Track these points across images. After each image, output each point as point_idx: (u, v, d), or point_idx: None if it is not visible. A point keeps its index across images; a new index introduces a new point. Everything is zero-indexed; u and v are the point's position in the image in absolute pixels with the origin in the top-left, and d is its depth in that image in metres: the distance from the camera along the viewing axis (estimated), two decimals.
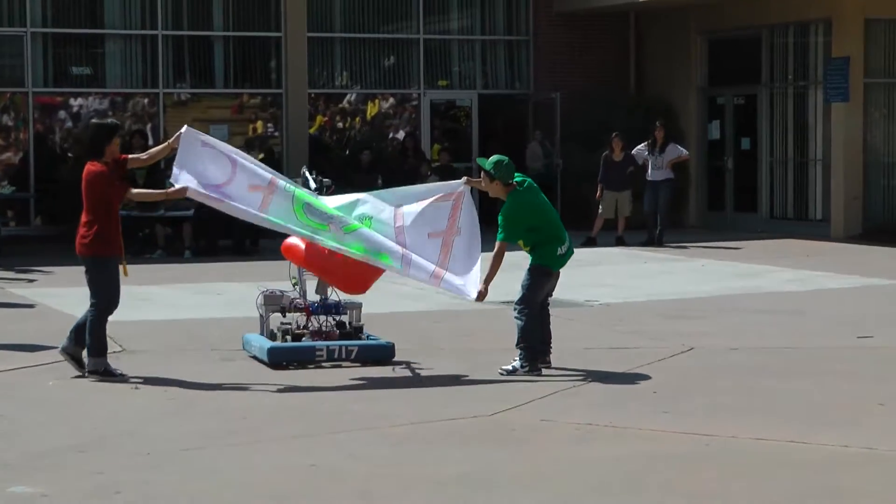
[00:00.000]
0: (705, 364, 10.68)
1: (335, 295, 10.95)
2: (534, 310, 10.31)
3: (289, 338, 10.72)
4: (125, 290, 10.27)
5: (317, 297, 10.96)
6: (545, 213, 10.44)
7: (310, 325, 10.86)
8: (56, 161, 22.43)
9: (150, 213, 19.67)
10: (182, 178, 10.10)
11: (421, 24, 24.20)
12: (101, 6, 22.59)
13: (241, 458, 7.76)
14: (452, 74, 24.75)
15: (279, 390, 9.74)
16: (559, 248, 10.35)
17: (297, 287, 10.94)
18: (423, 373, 10.38)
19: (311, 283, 11.08)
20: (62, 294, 14.70)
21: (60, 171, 22.10)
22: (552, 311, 10.76)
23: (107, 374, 10.02)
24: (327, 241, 10.21)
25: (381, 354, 10.70)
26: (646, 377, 10.12)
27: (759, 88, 23.29)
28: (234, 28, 23.16)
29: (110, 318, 10.17)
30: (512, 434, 8.31)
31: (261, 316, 10.98)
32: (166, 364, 10.56)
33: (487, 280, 10.27)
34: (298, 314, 10.88)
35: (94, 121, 10.87)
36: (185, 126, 10.54)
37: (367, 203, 10.58)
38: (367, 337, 10.91)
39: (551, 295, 10.66)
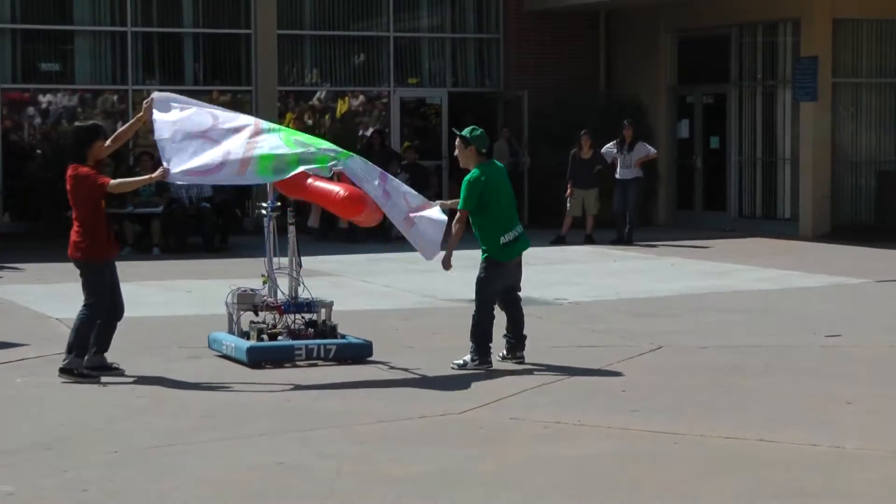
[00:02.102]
0: (674, 362, 10.70)
1: (307, 293, 10.91)
2: (486, 302, 10.38)
3: (265, 337, 10.66)
4: None
5: (286, 296, 10.88)
6: (500, 194, 10.50)
7: (281, 323, 10.80)
8: (25, 157, 22.32)
9: (119, 209, 19.57)
10: (169, 153, 10.03)
11: (391, 21, 24.19)
12: (70, 2, 22.49)
13: (208, 455, 7.73)
14: (423, 72, 24.75)
15: (247, 388, 9.71)
16: (502, 237, 10.41)
17: (268, 285, 10.90)
18: (392, 371, 10.37)
19: (283, 282, 11.04)
20: (31, 291, 14.62)
21: (30, 167, 22.01)
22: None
23: (80, 377, 9.86)
24: (320, 155, 10.16)
25: (359, 353, 10.70)
26: (615, 375, 10.14)
27: (728, 87, 23.37)
28: (203, 25, 23.09)
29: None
30: (480, 432, 8.31)
31: (230, 314, 10.90)
32: (134, 362, 10.51)
33: (450, 246, 10.45)
34: (270, 313, 10.82)
35: (76, 123, 10.76)
36: (154, 93, 10.51)
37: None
38: (344, 336, 10.89)
39: (517, 289, 10.67)
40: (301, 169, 10.17)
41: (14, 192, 21.93)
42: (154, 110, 10.27)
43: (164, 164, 10.06)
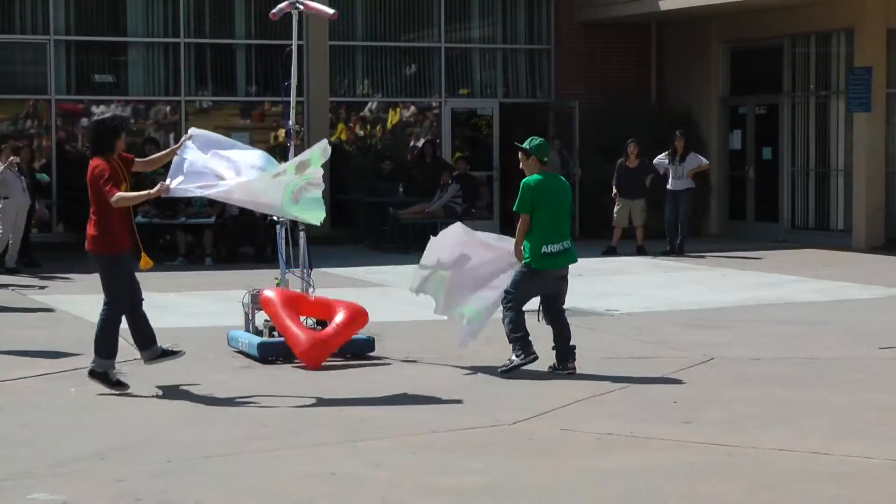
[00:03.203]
0: (727, 374, 10.64)
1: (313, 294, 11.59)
2: (512, 307, 10.59)
3: (276, 333, 11.31)
4: (148, 297, 10.27)
5: None
6: (552, 204, 10.63)
7: None
8: (78, 168, 22.44)
9: (171, 220, 19.72)
10: (175, 173, 10.12)
11: (442, 32, 24.23)
12: (123, 14, 22.67)
13: (261, 465, 7.76)
14: (474, 83, 24.76)
15: (299, 398, 9.74)
16: (545, 246, 10.52)
17: (281, 287, 11.62)
18: (442, 381, 10.37)
19: (295, 283, 11.64)
20: (82, 301, 14.74)
21: (82, 178, 22.14)
22: (572, 319, 10.75)
23: (104, 380, 9.82)
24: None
25: (362, 348, 11.36)
26: (667, 387, 10.10)
27: (780, 98, 23.24)
28: (256, 36, 23.21)
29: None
30: (531, 443, 8.29)
31: (246, 313, 11.60)
32: (187, 372, 10.57)
33: (516, 244, 10.68)
34: None
35: (95, 118, 10.81)
36: (192, 129, 10.59)
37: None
38: None
39: (559, 302, 10.70)
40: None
41: (68, 203, 22.10)
42: (189, 143, 10.33)
43: (168, 179, 10.10)
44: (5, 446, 8.24)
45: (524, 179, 10.74)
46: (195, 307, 14.87)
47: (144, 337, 10.09)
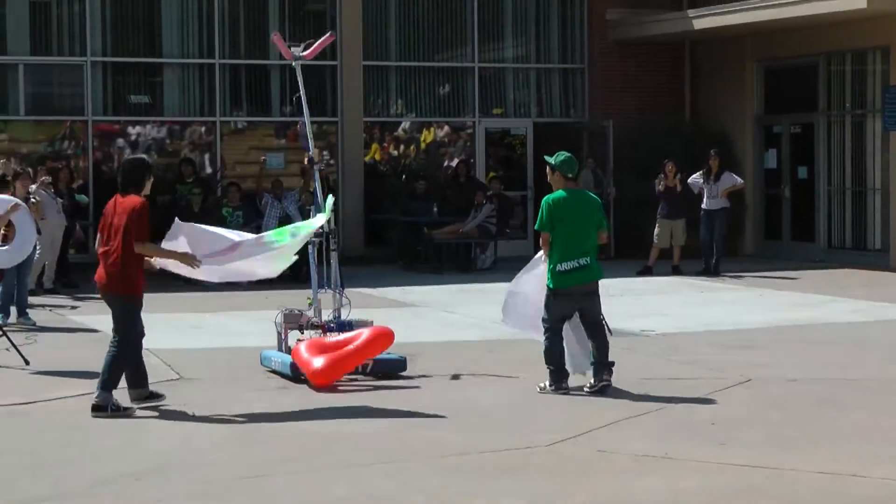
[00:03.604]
0: (764, 395, 10.58)
1: (349, 314, 11.72)
2: (548, 328, 10.60)
3: None
4: (183, 317, 10.30)
5: (331, 316, 11.70)
6: (569, 221, 10.59)
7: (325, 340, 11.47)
8: (115, 189, 22.54)
9: None
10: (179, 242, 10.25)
11: (476, 52, 24.25)
12: (159, 35, 22.80)
13: (297, 486, 7.76)
14: (507, 102, 24.77)
15: (333, 418, 9.73)
16: (560, 265, 10.53)
17: (313, 306, 11.70)
18: (477, 401, 10.35)
19: (327, 301, 11.70)
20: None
21: None
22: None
23: (108, 412, 9.75)
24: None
25: (394, 367, 11.35)
26: (703, 408, 10.05)
27: (816, 117, 23.15)
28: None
29: (164, 345, 10.21)
30: (568, 465, 8.26)
31: (278, 333, 11.67)
32: (223, 392, 10.59)
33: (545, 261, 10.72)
34: (314, 331, 11.57)
35: (130, 157, 10.83)
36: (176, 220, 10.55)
37: None
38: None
39: (591, 317, 10.73)
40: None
41: None
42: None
43: (193, 253, 10.13)
44: (44, 467, 8.28)
45: (545, 197, 10.77)
46: (229, 327, 14.89)
47: (140, 376, 10.10)
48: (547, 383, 10.59)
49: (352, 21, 23.23)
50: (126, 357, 9.92)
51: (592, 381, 10.63)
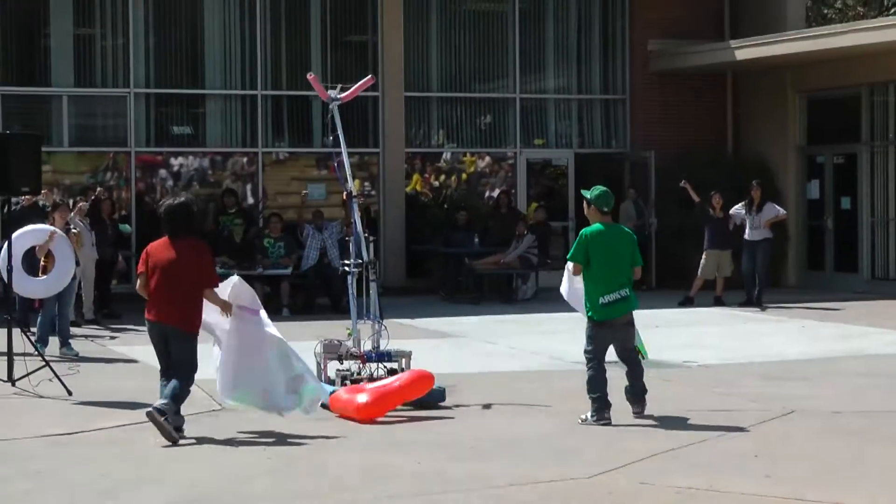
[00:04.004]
0: (807, 428, 10.50)
1: (388, 344, 11.79)
2: (590, 359, 10.64)
3: (347, 383, 11.44)
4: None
5: (370, 347, 11.75)
6: (606, 255, 10.67)
7: (364, 371, 11.59)
8: (157, 220, 22.66)
9: (248, 271, 19.82)
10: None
11: (517, 83, 24.27)
12: (202, 67, 22.95)
13: None
14: (549, 133, 24.76)
15: (374, 450, 9.72)
16: (602, 297, 10.62)
17: (353, 337, 11.77)
18: (519, 433, 10.31)
19: (366, 331, 11.77)
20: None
21: (161, 230, 22.33)
22: (649, 371, 10.67)
23: (168, 427, 9.91)
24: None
25: (433, 397, 11.30)
26: (746, 440, 9.98)
27: (858, 147, 23.03)
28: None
29: (204, 375, 10.35)
30: (610, 497, 8.21)
31: (318, 363, 11.74)
32: (264, 421, 10.60)
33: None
34: (354, 361, 11.69)
35: (180, 200, 10.90)
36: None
37: None
38: None
39: (627, 349, 10.78)
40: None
41: None
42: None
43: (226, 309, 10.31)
44: (85, 498, 8.29)
45: (583, 229, 10.88)
46: None
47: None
48: (589, 415, 10.57)
49: (393, 52, 23.32)
50: (189, 389, 10.25)
51: (635, 408, 10.66)
